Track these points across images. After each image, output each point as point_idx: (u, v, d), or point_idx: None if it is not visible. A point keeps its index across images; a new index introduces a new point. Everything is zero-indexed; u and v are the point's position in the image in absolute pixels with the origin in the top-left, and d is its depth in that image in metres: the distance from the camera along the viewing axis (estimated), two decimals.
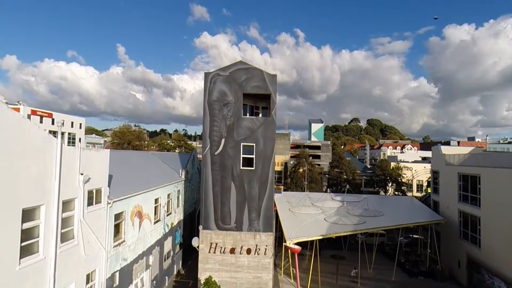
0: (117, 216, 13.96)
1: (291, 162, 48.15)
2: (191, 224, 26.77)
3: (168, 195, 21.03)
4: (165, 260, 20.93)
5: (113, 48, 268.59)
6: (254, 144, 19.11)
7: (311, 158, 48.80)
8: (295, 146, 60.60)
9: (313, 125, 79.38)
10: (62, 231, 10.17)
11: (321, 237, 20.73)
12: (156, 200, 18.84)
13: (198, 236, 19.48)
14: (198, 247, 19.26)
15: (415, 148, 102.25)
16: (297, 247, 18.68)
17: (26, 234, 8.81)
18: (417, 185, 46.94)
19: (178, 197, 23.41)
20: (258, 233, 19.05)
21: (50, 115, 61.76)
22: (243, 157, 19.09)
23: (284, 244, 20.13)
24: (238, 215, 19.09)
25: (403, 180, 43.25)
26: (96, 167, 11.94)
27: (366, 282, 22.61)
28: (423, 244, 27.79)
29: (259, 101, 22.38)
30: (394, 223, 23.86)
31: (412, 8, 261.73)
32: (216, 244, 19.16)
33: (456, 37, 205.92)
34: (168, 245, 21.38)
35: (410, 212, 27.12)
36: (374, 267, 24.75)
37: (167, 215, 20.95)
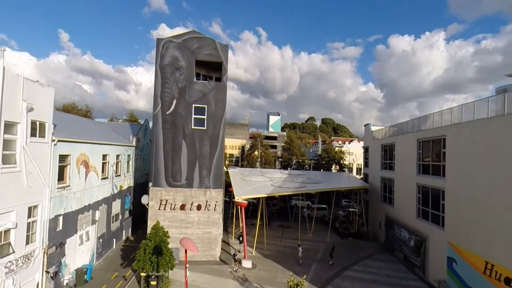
0: (62, 159, 14.05)
1: (248, 147, 50.63)
2: (141, 194, 26.78)
3: (118, 156, 21.11)
4: (113, 222, 20.99)
5: (54, 34, 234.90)
6: (205, 106, 20.31)
7: (268, 146, 51.83)
8: (253, 137, 63.11)
9: (270, 117, 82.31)
10: (4, 152, 10.29)
11: (266, 195, 22.84)
12: (105, 157, 18.91)
13: (148, 195, 20.00)
14: (147, 204, 19.77)
15: (361, 142, 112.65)
16: (244, 202, 20.41)
17: None
18: (357, 168, 52.69)
19: (128, 162, 23.47)
20: (209, 189, 20.32)
21: None
22: (194, 118, 20.13)
23: (233, 200, 21.70)
24: (189, 172, 20.10)
25: (345, 162, 48.38)
26: (40, 100, 12.05)
27: (306, 243, 25.44)
28: (357, 215, 32.02)
29: (212, 71, 23.63)
30: (330, 187, 27.26)
31: (364, 16, 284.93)
32: (167, 201, 19.93)
33: (399, 47, 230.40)
34: (116, 207, 21.46)
35: (344, 182, 30.99)
36: (314, 232, 28.23)
37: (116, 176, 21.02)
